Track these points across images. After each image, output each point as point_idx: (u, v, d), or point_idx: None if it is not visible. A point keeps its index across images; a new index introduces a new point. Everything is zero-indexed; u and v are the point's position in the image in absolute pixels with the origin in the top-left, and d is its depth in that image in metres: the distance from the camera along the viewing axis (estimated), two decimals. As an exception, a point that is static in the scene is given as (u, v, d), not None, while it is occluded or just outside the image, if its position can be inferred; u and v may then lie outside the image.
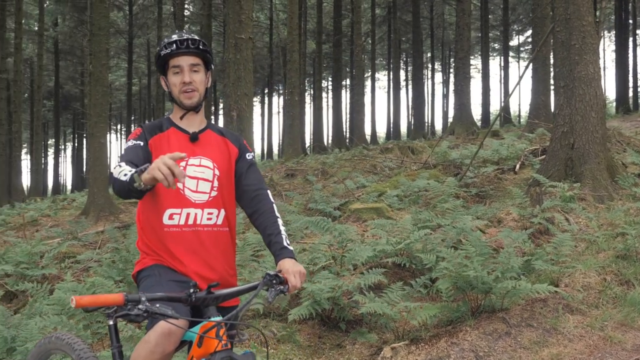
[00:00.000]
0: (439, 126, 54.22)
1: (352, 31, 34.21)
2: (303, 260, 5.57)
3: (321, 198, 9.96)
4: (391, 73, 44.66)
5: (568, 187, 7.66)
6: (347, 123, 42.27)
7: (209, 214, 2.47)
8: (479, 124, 30.00)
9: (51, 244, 9.16)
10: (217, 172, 2.52)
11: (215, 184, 2.51)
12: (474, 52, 50.48)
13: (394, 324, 4.67)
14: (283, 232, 2.49)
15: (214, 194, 2.50)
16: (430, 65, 52.53)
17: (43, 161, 46.67)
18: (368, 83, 47.59)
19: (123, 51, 41.58)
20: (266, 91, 52.27)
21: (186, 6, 39.76)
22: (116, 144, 66.55)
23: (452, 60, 42.81)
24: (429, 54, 50.32)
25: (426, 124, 44.96)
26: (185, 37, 2.44)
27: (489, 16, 39.90)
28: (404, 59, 51.57)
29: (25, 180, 42.27)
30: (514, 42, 51.50)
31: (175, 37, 2.45)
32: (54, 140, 52.19)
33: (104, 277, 5.52)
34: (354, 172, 13.82)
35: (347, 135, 39.29)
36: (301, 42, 35.88)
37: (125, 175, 2.17)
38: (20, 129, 26.82)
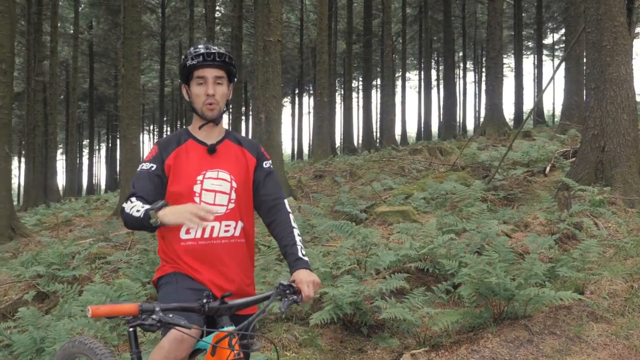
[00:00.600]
0: (470, 126, 53.71)
1: (382, 31, 34.12)
2: (326, 264, 5.59)
3: (348, 200, 9.97)
4: (422, 73, 44.33)
5: (598, 191, 7.53)
6: (378, 123, 42.15)
7: (226, 226, 2.51)
8: (511, 124, 29.62)
9: (83, 245, 9.35)
10: (234, 184, 2.55)
11: (233, 196, 2.54)
12: (506, 50, 49.85)
13: (416, 330, 4.66)
14: (299, 242, 2.50)
15: (231, 206, 2.53)
16: (462, 65, 52.02)
17: (78, 162, 47.63)
18: (399, 83, 47.36)
19: (156, 53, 42.15)
20: (297, 92, 52.39)
21: (217, 8, 40.16)
22: (148, 145, 67.49)
23: (484, 59, 42.33)
24: (460, 53, 49.86)
25: (458, 125, 44.59)
26: (212, 50, 2.46)
27: (522, 14, 39.31)
28: (436, 58, 51.18)
29: (61, 180, 43.16)
30: (548, 40, 50.66)
31: (202, 49, 2.48)
32: (88, 141, 53.18)
33: (132, 279, 5.62)
34: (382, 173, 13.79)
35: (378, 136, 39.22)
36: (331, 42, 35.92)
37: (139, 211, 2.24)
38: (55, 130, 27.42)
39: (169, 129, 62.48)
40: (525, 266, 4.57)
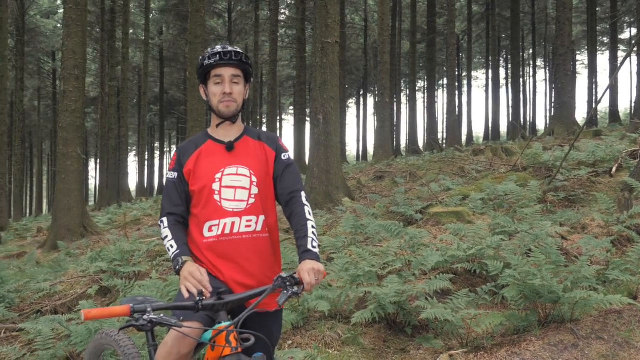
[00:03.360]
0: (541, 126, 52.11)
1: (447, 30, 33.65)
2: (373, 265, 5.61)
3: (403, 201, 9.91)
4: (489, 71, 43.38)
5: (663, 192, 7.20)
6: (444, 124, 41.56)
7: (247, 221, 2.56)
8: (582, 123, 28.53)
9: (147, 243, 9.72)
10: (254, 179, 2.60)
11: (254, 191, 2.59)
12: (580, 47, 48.10)
13: (460, 331, 4.61)
14: (310, 234, 2.48)
15: (252, 201, 2.58)
16: (531, 62, 50.55)
17: (149, 163, 49.30)
18: (465, 82, 46.51)
19: (223, 57, 43.01)
20: (361, 93, 52.32)
21: (282, 11, 40.71)
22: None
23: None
24: (530, 51, 48.46)
25: (527, 124, 43.38)
26: (229, 50, 2.53)
27: (597, 9, 37.82)
28: (504, 56, 49.97)
29: (133, 181, 44.73)
30: (625, 35, 48.44)
31: (219, 48, 2.55)
32: (159, 143, 54.94)
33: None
34: (442, 174, 13.62)
35: (444, 136, 38.67)
36: (395, 42, 35.71)
37: (169, 250, 2.53)
38: (127, 133, 28.51)
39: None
40: (573, 269, 4.45)
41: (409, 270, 5.42)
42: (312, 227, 2.54)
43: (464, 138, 40.34)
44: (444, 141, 35.51)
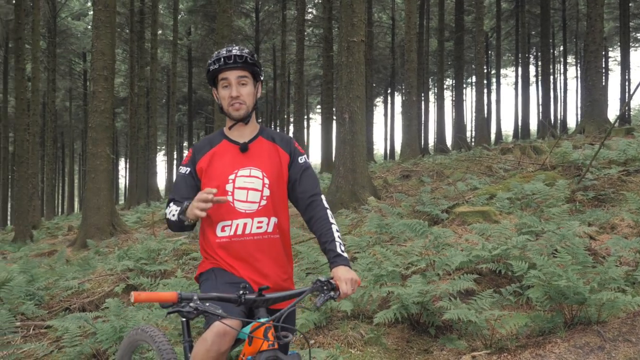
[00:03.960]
0: (572, 124, 51.25)
1: (475, 27, 33.30)
2: (397, 265, 5.57)
3: (429, 200, 9.83)
4: (519, 69, 42.80)
5: (696, 191, 7.02)
6: (473, 122, 41.15)
7: (259, 222, 2.58)
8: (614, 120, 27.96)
9: (174, 241, 9.82)
10: (266, 181, 2.61)
11: (266, 192, 2.61)
12: (612, 43, 47.18)
13: (486, 332, 4.56)
14: (337, 238, 2.52)
15: (263, 202, 2.59)
16: (562, 59, 49.75)
17: (177, 162, 49.81)
18: (494, 80, 45.99)
19: (250, 56, 43.26)
20: (389, 91, 52.12)
21: (309, 10, 40.75)
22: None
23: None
24: (561, 48, 47.68)
25: (558, 122, 42.71)
26: (232, 53, 2.54)
27: (629, 4, 37.03)
28: (534, 53, 49.28)
29: (162, 180, 45.25)
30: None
31: (223, 52, 2.56)
32: (187, 142, 55.48)
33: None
34: (469, 173, 13.49)
35: (472, 135, 38.29)
36: (423, 40, 35.47)
37: (174, 215, 2.51)
38: (156, 132, 28.86)
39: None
40: (600, 270, 4.36)
41: (433, 270, 5.38)
42: (337, 230, 2.58)
43: (492, 136, 39.89)
44: (472, 140, 35.18)
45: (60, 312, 6.63)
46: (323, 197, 2.69)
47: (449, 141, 34.82)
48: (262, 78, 2.74)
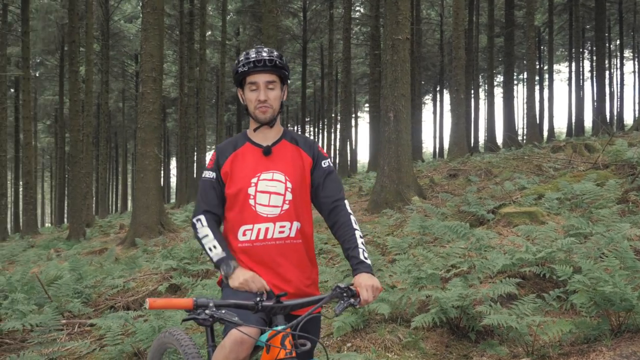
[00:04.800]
0: (630, 120, 49.48)
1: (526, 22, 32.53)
2: (437, 267, 5.46)
3: (474, 200, 9.63)
4: (572, 64, 41.58)
5: None
6: (525, 119, 40.20)
7: (281, 227, 2.55)
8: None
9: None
10: (289, 185, 2.58)
11: (288, 197, 2.57)
12: (672, 36, 45.33)
13: (528, 338, 4.42)
14: (360, 245, 2.49)
15: (286, 207, 2.56)
16: (618, 54, 48.04)
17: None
18: (546, 76, 44.84)
19: (298, 55, 43.52)
20: (437, 89, 51.49)
21: (357, 8, 40.64)
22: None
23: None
24: (617, 42, 46.06)
25: (614, 119, 41.31)
26: (262, 57, 2.51)
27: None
28: (589, 48, 47.78)
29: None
30: None
31: (253, 55, 2.53)
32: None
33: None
34: (517, 172, 13.16)
35: (524, 132, 37.41)
36: (473, 36, 34.87)
37: (211, 251, 2.52)
38: (204, 132, 29.27)
39: (311, 128, 64.21)
40: (650, 275, 4.16)
41: (474, 273, 5.24)
42: (360, 236, 2.54)
43: (545, 134, 38.90)
44: (524, 137, 34.36)
45: (106, 310, 6.78)
46: (347, 202, 2.65)
47: (499, 139, 34.14)
48: (289, 81, 2.71)
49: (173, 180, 69.73)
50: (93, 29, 26.68)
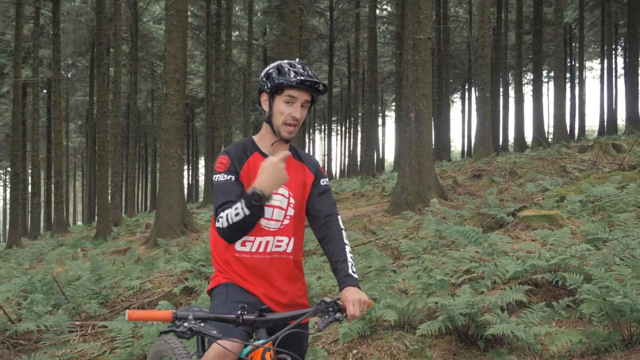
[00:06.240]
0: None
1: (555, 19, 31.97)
2: (448, 273, 5.39)
3: (494, 202, 9.49)
4: (605, 61, 40.71)
5: None
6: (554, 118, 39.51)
7: (278, 241, 2.53)
8: None
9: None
10: (292, 200, 2.56)
11: (290, 212, 2.56)
12: None
13: (538, 347, 4.33)
14: (349, 259, 2.46)
15: (286, 222, 2.55)
16: (654, 50, 46.83)
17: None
18: (577, 74, 44.02)
19: (324, 55, 43.52)
20: (466, 87, 50.98)
21: (384, 7, 40.43)
22: (320, 144, 69.72)
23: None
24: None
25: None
26: (314, 80, 2.42)
27: None
28: (622, 44, 46.73)
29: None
30: None
31: (302, 72, 2.43)
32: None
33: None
34: (542, 173, 12.94)
35: (552, 131, 36.78)
36: (501, 34, 34.42)
37: (237, 210, 2.21)
38: (231, 132, 29.42)
39: (339, 127, 64.15)
40: (663, 284, 4.03)
41: (484, 279, 5.16)
42: (349, 251, 2.51)
43: (576, 132, 38.23)
44: (553, 136, 33.81)
45: (121, 312, 6.85)
46: (339, 217, 2.62)
47: (528, 138, 33.65)
48: (314, 104, 2.66)
49: (201, 180, 70.38)
50: (122, 30, 27.06)
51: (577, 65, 44.47)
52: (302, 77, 2.40)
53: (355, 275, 2.42)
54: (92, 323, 6.09)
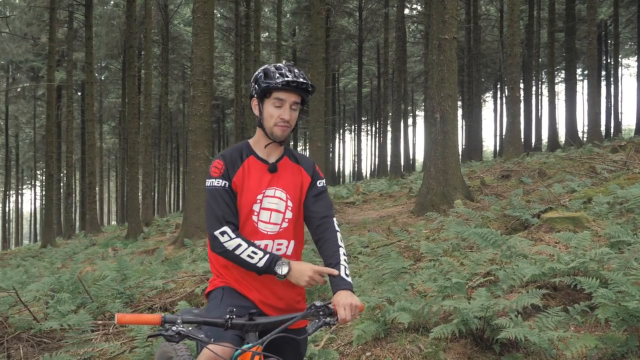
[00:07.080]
0: None
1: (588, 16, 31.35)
2: (464, 276, 5.34)
3: (519, 204, 9.36)
4: (641, 58, 39.76)
5: None
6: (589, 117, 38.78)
7: (278, 244, 2.54)
8: None
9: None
10: (289, 203, 2.58)
11: (288, 215, 2.57)
12: None
13: (555, 351, 4.26)
14: (343, 262, 2.45)
15: (284, 225, 2.56)
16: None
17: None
18: (612, 71, 43.06)
19: (354, 55, 43.46)
20: (498, 86, 50.37)
21: (414, 6, 40.19)
22: (350, 145, 69.38)
23: None
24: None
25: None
26: (299, 80, 2.46)
27: None
28: (659, 41, 45.59)
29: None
30: None
31: (288, 75, 2.47)
32: (292, 142, 56.45)
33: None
34: (570, 174, 12.71)
35: (586, 130, 36.10)
36: (532, 32, 33.91)
37: (254, 256, 2.35)
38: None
39: (369, 127, 63.97)
40: (682, 289, 3.93)
41: (500, 283, 5.10)
42: (344, 254, 2.50)
43: (611, 132, 37.44)
44: (587, 135, 33.17)
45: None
46: (335, 219, 2.62)
47: (562, 137, 33.07)
48: (306, 105, 2.69)
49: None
50: (153, 33, 27.43)
51: (612, 62, 43.54)
52: (288, 79, 2.44)
53: (349, 279, 2.41)
54: (114, 322, 6.20)
